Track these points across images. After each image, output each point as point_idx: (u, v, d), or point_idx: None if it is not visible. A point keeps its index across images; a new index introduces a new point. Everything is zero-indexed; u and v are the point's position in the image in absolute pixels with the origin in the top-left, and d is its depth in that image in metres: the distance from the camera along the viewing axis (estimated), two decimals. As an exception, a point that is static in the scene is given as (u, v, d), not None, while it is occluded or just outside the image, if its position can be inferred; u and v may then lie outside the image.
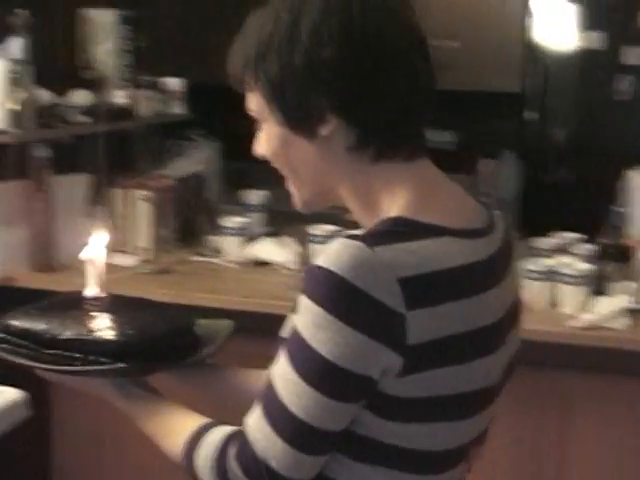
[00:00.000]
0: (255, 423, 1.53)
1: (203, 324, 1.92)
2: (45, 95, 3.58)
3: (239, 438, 1.54)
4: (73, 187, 3.73)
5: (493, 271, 1.62)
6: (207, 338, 1.89)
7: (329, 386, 1.47)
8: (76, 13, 3.86)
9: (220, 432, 1.59)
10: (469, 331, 1.53)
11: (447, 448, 1.58)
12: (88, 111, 3.73)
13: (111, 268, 3.60)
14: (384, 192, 1.59)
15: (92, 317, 1.83)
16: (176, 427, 1.66)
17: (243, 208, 3.96)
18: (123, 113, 3.92)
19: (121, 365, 1.72)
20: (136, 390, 1.75)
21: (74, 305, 1.89)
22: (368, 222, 1.59)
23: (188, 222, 3.98)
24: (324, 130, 1.56)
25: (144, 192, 3.83)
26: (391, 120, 1.57)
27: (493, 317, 1.59)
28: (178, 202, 3.96)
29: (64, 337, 1.76)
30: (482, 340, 1.56)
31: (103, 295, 1.90)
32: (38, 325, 1.81)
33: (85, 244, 1.89)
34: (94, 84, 3.83)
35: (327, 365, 1.46)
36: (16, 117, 3.39)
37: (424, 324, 1.47)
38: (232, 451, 1.55)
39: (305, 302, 1.47)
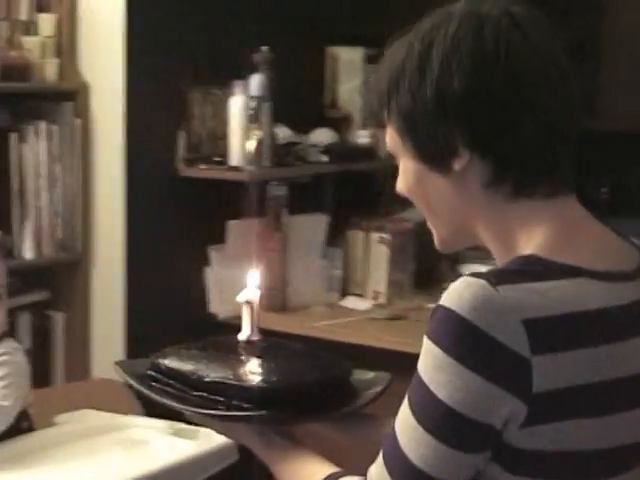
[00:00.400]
0: (376, 471, 1.50)
1: (359, 375, 1.90)
2: (285, 133, 3.64)
3: None
4: (310, 227, 3.77)
5: (637, 315, 1.53)
6: (362, 390, 1.86)
7: (447, 433, 1.43)
8: (323, 51, 3.90)
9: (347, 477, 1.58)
10: (606, 381, 1.45)
11: None
12: (328, 150, 3.76)
13: (345, 311, 3.68)
14: (522, 231, 1.53)
15: (241, 361, 1.86)
16: (306, 474, 1.66)
17: (485, 254, 3.87)
18: (365, 153, 3.93)
19: (262, 413, 1.72)
20: (277, 438, 1.73)
21: (228, 347, 1.92)
22: (505, 262, 1.53)
23: (427, 267, 3.92)
24: (457, 165, 1.52)
25: (382, 235, 3.82)
26: (528, 154, 1.52)
27: (633, 369, 1.49)
28: (417, 246, 3.91)
29: (208, 379, 1.78)
30: (625, 392, 1.48)
31: (257, 338, 1.92)
32: (186, 366, 1.84)
33: (245, 286, 1.91)
34: (338, 123, 3.88)
35: (446, 410, 1.42)
36: (253, 155, 3.45)
37: (551, 371, 1.40)
38: None
39: (426, 343, 1.44)
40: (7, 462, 2.46)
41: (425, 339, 1.43)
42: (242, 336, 1.91)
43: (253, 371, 1.81)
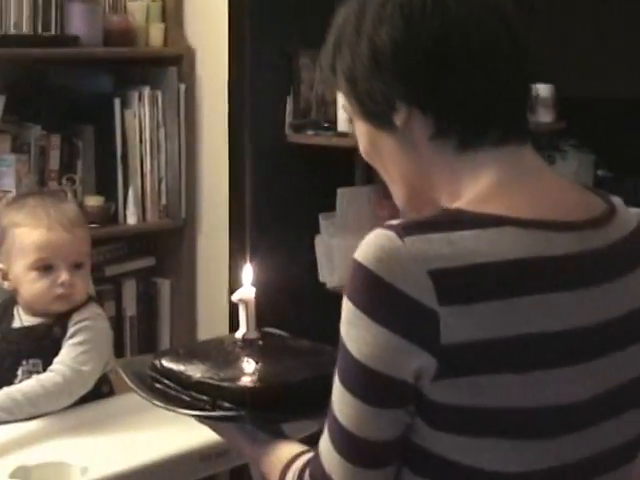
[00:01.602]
0: (323, 437, 1.54)
1: None
2: None
3: (315, 457, 1.56)
4: None
5: (576, 269, 1.50)
6: None
7: (363, 390, 1.45)
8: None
9: (306, 457, 1.61)
10: (523, 335, 1.43)
11: (523, 470, 1.48)
12: None
13: None
14: (469, 183, 1.54)
15: (232, 360, 1.89)
16: (278, 461, 1.68)
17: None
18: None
19: (241, 414, 1.77)
20: (261, 435, 1.76)
21: (226, 348, 1.96)
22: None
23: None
24: (398, 120, 1.54)
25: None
26: (467, 107, 1.53)
27: (571, 321, 1.47)
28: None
29: (194, 379, 1.83)
30: (551, 347, 1.46)
31: (255, 336, 1.94)
32: (178, 365, 1.89)
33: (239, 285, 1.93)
34: None
35: (358, 366, 1.44)
36: None
37: (461, 323, 1.40)
38: (308, 471, 1.57)
39: (343, 298, 1.45)
40: (86, 425, 2.48)
41: (344, 293, 1.46)
42: (238, 334, 1.94)
43: (240, 371, 1.85)
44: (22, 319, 2.62)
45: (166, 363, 1.91)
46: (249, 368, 1.86)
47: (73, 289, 2.57)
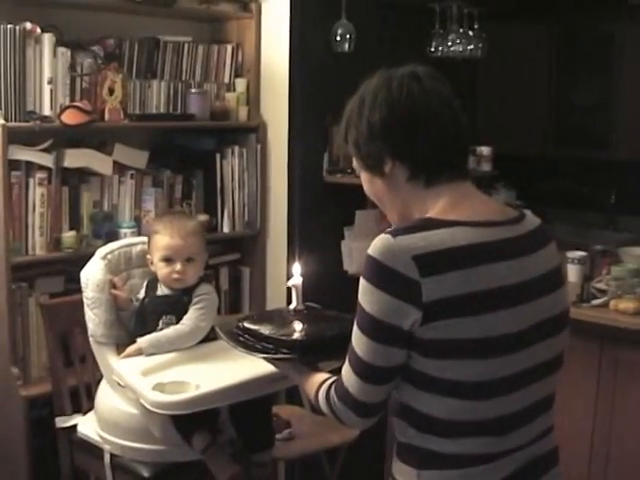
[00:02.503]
0: (345, 365, 1.61)
1: None
2: None
3: (339, 378, 1.63)
4: None
5: (506, 248, 1.57)
6: None
7: (372, 332, 1.52)
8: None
9: (333, 378, 1.69)
10: (476, 292, 1.50)
11: (482, 380, 1.52)
12: None
13: None
14: (433, 205, 1.61)
15: (289, 323, 1.99)
16: (314, 383, 1.74)
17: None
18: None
19: (294, 356, 1.86)
20: (305, 369, 1.82)
21: (283, 315, 2.05)
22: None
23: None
24: (387, 169, 1.62)
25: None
26: (430, 159, 1.61)
27: (505, 281, 1.54)
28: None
29: (264, 334, 1.94)
30: (494, 298, 1.52)
31: (302, 308, 2.04)
32: (253, 325, 2.00)
33: (291, 275, 2.03)
34: None
35: (370, 318, 1.51)
36: None
37: (436, 287, 1.48)
38: (334, 386, 1.65)
39: (360, 279, 1.54)
40: (200, 358, 2.63)
41: (360, 277, 1.54)
42: (291, 306, 2.04)
43: (294, 329, 1.94)
44: (163, 291, 2.76)
45: (246, 324, 2.01)
46: (298, 328, 1.96)
47: (185, 275, 2.72)
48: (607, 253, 3.49)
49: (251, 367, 2.37)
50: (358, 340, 1.56)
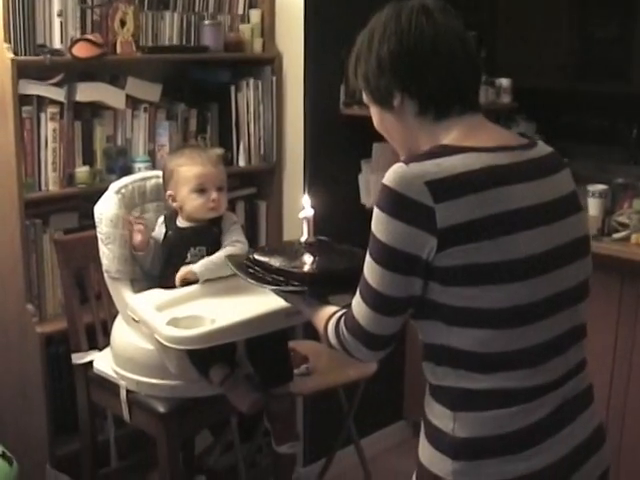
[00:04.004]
0: (355, 297, 1.60)
1: None
2: None
3: (348, 310, 1.62)
4: None
5: (520, 171, 1.56)
6: None
7: (387, 262, 1.51)
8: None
9: (342, 311, 1.68)
10: (492, 214, 1.49)
11: (509, 306, 1.50)
12: None
13: None
14: (445, 138, 1.59)
15: (300, 256, 1.96)
16: (323, 316, 1.75)
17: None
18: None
19: (305, 289, 1.85)
20: (315, 302, 1.82)
21: (294, 247, 2.01)
22: None
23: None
24: (395, 102, 1.61)
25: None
26: (439, 92, 1.59)
27: (524, 203, 1.53)
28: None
29: (275, 267, 1.92)
30: (512, 220, 1.51)
31: (313, 241, 2.00)
32: (264, 258, 1.97)
33: (302, 207, 1.99)
34: None
35: (385, 247, 1.49)
36: None
37: (450, 212, 1.46)
38: (343, 319, 1.64)
39: (374, 209, 1.53)
40: (214, 293, 2.57)
41: (374, 206, 1.53)
42: (303, 239, 2.01)
43: (304, 262, 1.93)
44: (185, 223, 2.70)
45: (257, 256, 2.00)
46: (309, 261, 1.94)
47: (219, 204, 2.68)
48: (629, 186, 3.39)
49: (267, 302, 2.33)
50: (371, 270, 1.54)
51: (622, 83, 4.88)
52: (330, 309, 1.75)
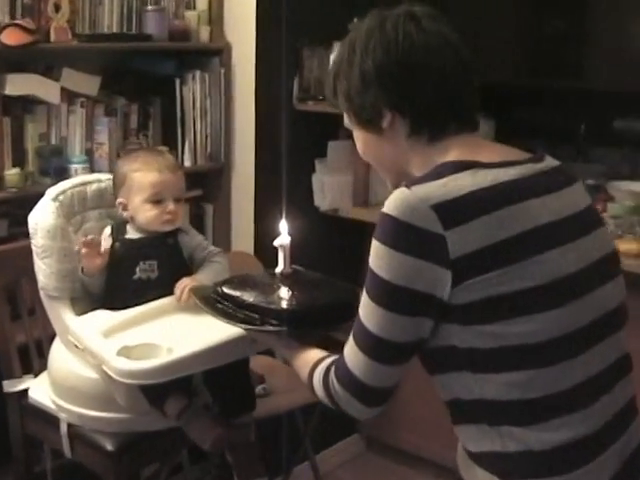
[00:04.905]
0: (348, 344, 1.46)
1: None
2: None
3: (339, 359, 1.48)
4: None
5: (533, 185, 1.43)
6: None
7: (390, 302, 1.37)
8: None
9: (330, 359, 1.54)
10: (512, 236, 1.36)
11: (539, 340, 1.35)
12: None
13: None
14: (443, 159, 1.46)
15: (275, 289, 1.82)
16: (307, 362, 1.60)
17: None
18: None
19: (283, 329, 1.71)
20: (294, 343, 1.68)
21: (268, 279, 1.88)
22: None
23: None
24: (385, 123, 1.48)
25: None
26: (434, 107, 1.47)
27: (542, 219, 1.40)
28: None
29: (249, 302, 1.78)
30: (533, 239, 1.37)
31: (289, 272, 1.86)
32: (234, 291, 1.83)
33: (278, 234, 1.85)
34: None
35: (387, 285, 1.36)
36: None
37: (462, 239, 1.33)
38: (333, 369, 1.49)
39: (372, 242, 1.39)
40: (167, 314, 2.33)
41: (372, 240, 1.39)
42: (278, 269, 1.86)
43: (281, 297, 1.78)
44: (135, 234, 2.44)
45: (226, 289, 1.85)
46: (287, 295, 1.79)
47: (176, 216, 2.43)
48: (600, 189, 3.22)
49: (229, 326, 2.06)
50: (370, 312, 1.40)
51: (572, 79, 4.74)
52: (314, 353, 1.61)
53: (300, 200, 3.45)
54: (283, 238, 1.83)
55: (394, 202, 1.36)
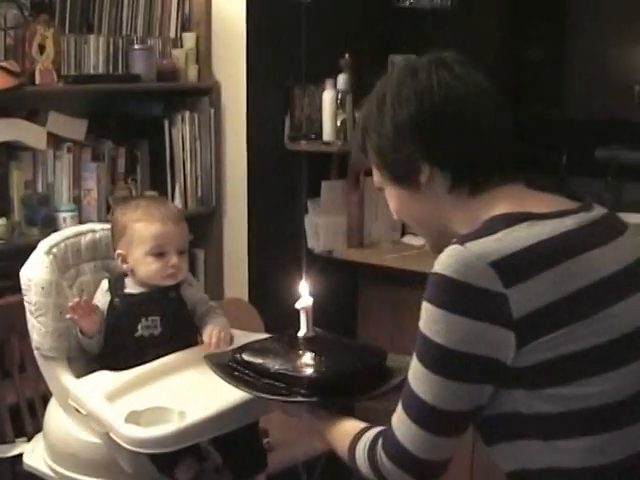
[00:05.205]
0: (396, 415, 1.38)
1: (392, 359, 1.75)
2: None
3: (386, 431, 1.40)
4: None
5: (592, 235, 1.38)
6: (394, 372, 1.71)
7: (449, 369, 1.30)
8: (386, 58, 3.60)
9: (375, 430, 1.45)
10: (578, 289, 1.30)
11: (618, 399, 1.29)
12: None
13: (406, 247, 3.51)
14: (489, 212, 1.39)
15: (300, 355, 1.74)
16: (345, 433, 1.52)
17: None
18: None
19: (314, 399, 1.62)
20: (324, 413, 1.60)
21: (289, 343, 1.80)
22: None
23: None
24: (422, 178, 1.42)
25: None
26: (474, 161, 1.41)
27: (606, 270, 1.34)
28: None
29: (274, 370, 1.69)
30: (601, 292, 1.32)
31: (312, 335, 1.79)
32: (257, 359, 1.75)
33: (299, 296, 1.77)
34: None
35: (444, 351, 1.29)
36: (339, 132, 3.27)
37: (525, 297, 1.26)
38: (380, 442, 1.40)
39: (423, 304, 1.33)
40: (173, 372, 2.18)
41: (422, 301, 1.32)
42: (301, 333, 1.78)
43: (308, 364, 1.71)
44: (134, 288, 2.32)
45: (246, 357, 1.76)
46: (312, 362, 1.71)
47: (179, 270, 2.30)
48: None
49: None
50: (423, 380, 1.33)
51: (553, 109, 4.76)
52: (351, 425, 1.53)
53: (293, 242, 3.40)
54: (305, 300, 1.75)
55: (448, 260, 1.28)
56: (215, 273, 3.35)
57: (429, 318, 1.30)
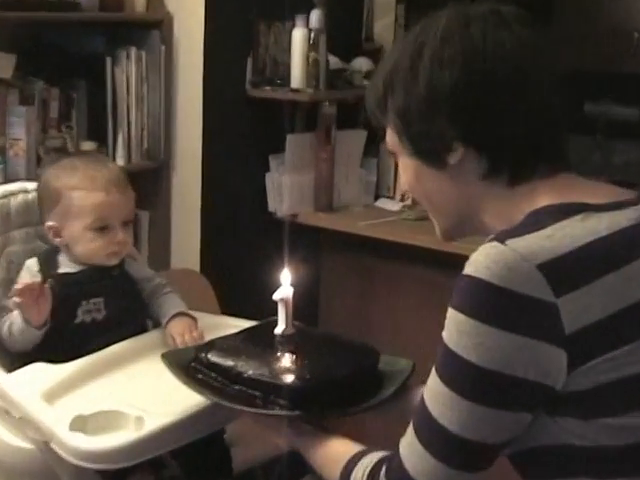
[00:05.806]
0: (406, 441, 1.27)
1: (385, 362, 1.66)
2: (333, 60, 3.28)
3: (391, 458, 1.30)
4: (352, 141, 3.39)
5: None
6: (387, 378, 1.62)
7: (483, 393, 1.19)
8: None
9: (375, 456, 1.35)
10: (638, 301, 1.18)
11: None
12: (368, 76, 3.37)
13: (380, 212, 3.35)
14: (527, 208, 1.27)
15: (277, 356, 1.64)
16: (335, 456, 1.42)
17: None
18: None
19: (296, 413, 1.51)
20: (306, 427, 1.51)
21: (265, 341, 1.69)
22: None
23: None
24: (452, 159, 1.29)
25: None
26: (521, 145, 1.27)
27: None
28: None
29: (247, 375, 1.57)
30: None
31: (291, 332, 1.69)
32: (227, 361, 1.63)
33: (279, 285, 1.66)
34: (373, 53, 3.54)
35: (478, 371, 1.17)
36: (310, 78, 3.10)
37: (579, 308, 1.15)
38: (383, 472, 1.30)
39: (449, 312, 1.21)
40: (126, 363, 2.04)
41: (449, 309, 1.20)
42: (278, 330, 1.69)
43: (288, 368, 1.60)
44: (70, 266, 2.15)
45: (212, 357, 1.64)
46: (295, 365, 1.61)
47: (125, 245, 2.16)
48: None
49: None
50: (446, 405, 1.21)
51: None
52: (343, 446, 1.42)
53: (253, 203, 3.25)
54: (284, 290, 1.64)
55: (485, 261, 1.15)
56: (161, 239, 3.20)
57: (458, 330, 1.18)
